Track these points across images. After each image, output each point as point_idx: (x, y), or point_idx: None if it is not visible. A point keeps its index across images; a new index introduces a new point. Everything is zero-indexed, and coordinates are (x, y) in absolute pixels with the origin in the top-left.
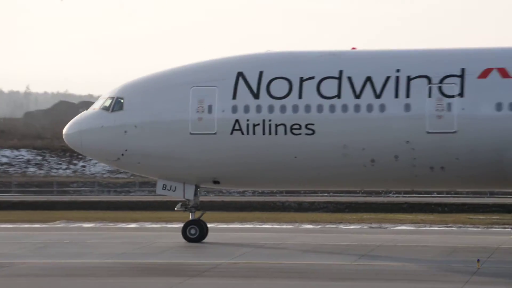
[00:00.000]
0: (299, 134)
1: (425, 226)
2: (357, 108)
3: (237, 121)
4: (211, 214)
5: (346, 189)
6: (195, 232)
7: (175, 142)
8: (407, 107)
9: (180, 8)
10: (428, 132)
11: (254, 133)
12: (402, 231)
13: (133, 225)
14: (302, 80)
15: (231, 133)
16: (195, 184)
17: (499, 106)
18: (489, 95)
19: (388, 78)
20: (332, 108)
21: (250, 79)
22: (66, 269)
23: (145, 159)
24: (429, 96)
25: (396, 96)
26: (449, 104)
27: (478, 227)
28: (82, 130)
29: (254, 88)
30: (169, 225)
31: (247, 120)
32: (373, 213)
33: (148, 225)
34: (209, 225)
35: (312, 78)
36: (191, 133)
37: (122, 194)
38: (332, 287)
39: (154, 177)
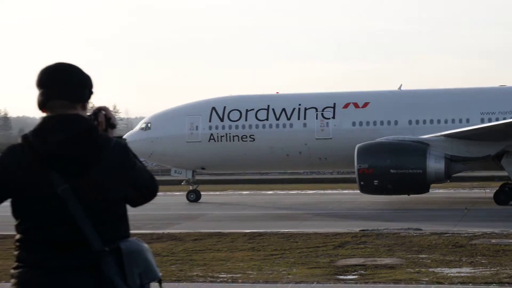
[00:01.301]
0: (246, 141)
1: None
2: (277, 126)
3: (211, 134)
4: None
5: (275, 171)
6: (194, 197)
7: (179, 147)
8: (305, 125)
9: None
10: (317, 139)
11: (221, 141)
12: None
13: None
14: (247, 111)
15: (209, 141)
16: (192, 169)
17: (354, 124)
18: (348, 117)
19: (294, 109)
20: (264, 126)
21: (219, 111)
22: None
23: (163, 156)
24: (316, 118)
25: (299, 118)
26: (327, 123)
27: None
28: (134, 141)
29: (221, 115)
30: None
31: (217, 134)
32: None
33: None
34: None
35: (252, 109)
36: (187, 142)
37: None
38: None
39: (168, 166)
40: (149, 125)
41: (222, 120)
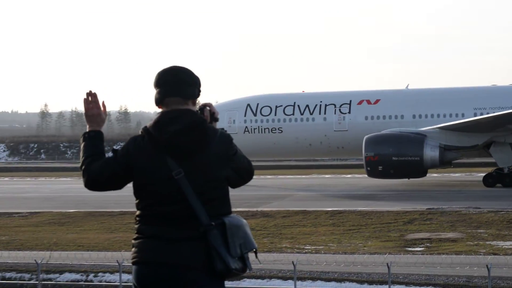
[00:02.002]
0: (275, 132)
1: None
2: (301, 119)
3: (246, 127)
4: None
5: (300, 158)
6: None
7: None
8: (325, 119)
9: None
10: (335, 131)
11: (254, 133)
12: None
13: None
14: (276, 107)
15: (244, 133)
16: None
17: (366, 118)
18: (362, 112)
19: (316, 105)
20: (290, 120)
21: (253, 107)
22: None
23: None
24: (335, 113)
25: (320, 113)
26: (344, 117)
27: None
28: None
29: (254, 111)
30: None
31: (251, 126)
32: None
33: None
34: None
35: (281, 106)
36: None
37: None
38: None
39: None
40: None
41: (255, 115)
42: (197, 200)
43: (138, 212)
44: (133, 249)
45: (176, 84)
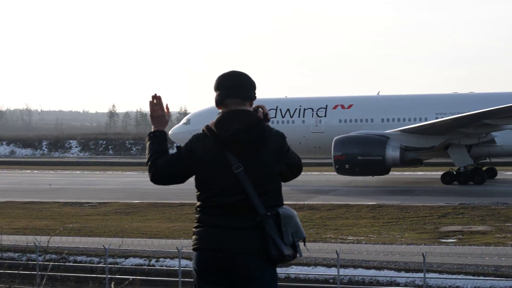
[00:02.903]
0: None
1: None
2: (283, 122)
3: None
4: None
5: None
6: None
7: None
8: (303, 122)
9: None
10: (312, 132)
11: None
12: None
13: None
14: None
15: None
16: None
17: (340, 121)
18: (336, 116)
19: (296, 109)
20: (272, 122)
21: None
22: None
23: None
24: (312, 116)
25: (299, 116)
26: (320, 120)
27: None
28: (177, 133)
29: None
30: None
31: None
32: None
33: None
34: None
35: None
36: None
37: None
38: None
39: None
40: (189, 120)
41: None
42: (254, 192)
43: (198, 203)
44: (193, 236)
45: (236, 86)
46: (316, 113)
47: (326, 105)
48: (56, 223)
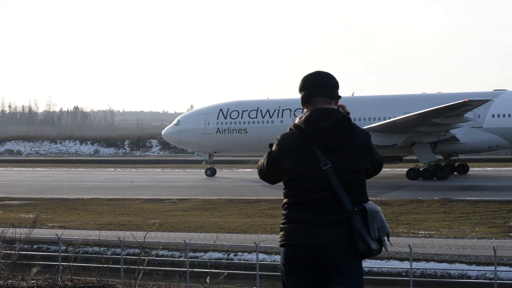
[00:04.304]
0: (241, 133)
1: None
2: (263, 122)
3: (218, 128)
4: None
5: (262, 154)
6: (210, 173)
7: (197, 137)
8: (282, 121)
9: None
10: None
11: (224, 133)
12: None
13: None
14: (243, 111)
15: (216, 133)
16: (208, 153)
17: None
18: None
19: (275, 110)
20: (254, 122)
21: (224, 111)
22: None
23: (188, 144)
24: (290, 116)
25: (278, 117)
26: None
27: None
28: (168, 133)
29: (225, 115)
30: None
31: (222, 128)
32: None
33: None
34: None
35: (246, 110)
36: (202, 133)
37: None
38: None
39: (193, 151)
40: (179, 121)
41: (225, 118)
42: (342, 188)
43: (286, 200)
44: (281, 232)
45: (322, 85)
46: (294, 114)
47: None
48: (138, 219)
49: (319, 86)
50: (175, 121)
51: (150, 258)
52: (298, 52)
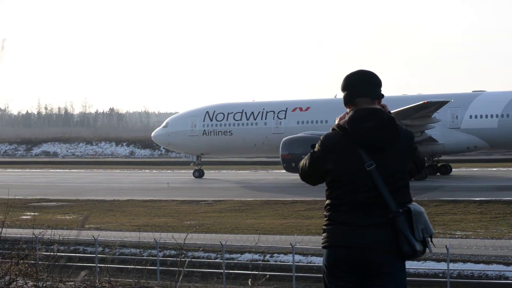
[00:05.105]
0: (227, 135)
1: None
2: (247, 124)
3: (204, 130)
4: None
5: (247, 156)
6: (197, 174)
7: (185, 139)
8: (265, 124)
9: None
10: (273, 133)
11: (210, 135)
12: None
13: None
14: (228, 114)
15: (203, 135)
16: (196, 155)
17: (298, 122)
18: (295, 118)
19: (259, 112)
20: (238, 124)
21: (210, 114)
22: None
23: (176, 146)
24: (273, 119)
25: (261, 119)
26: (280, 122)
27: None
28: (157, 135)
29: (211, 117)
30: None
31: (208, 130)
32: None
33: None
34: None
35: (232, 112)
36: (189, 136)
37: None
38: None
39: (181, 152)
40: (167, 124)
41: (211, 120)
42: (386, 189)
43: (328, 201)
44: (324, 234)
45: (365, 85)
46: (277, 116)
47: (286, 108)
48: (174, 220)
49: (362, 85)
50: (164, 124)
51: (187, 259)
52: (342, 52)
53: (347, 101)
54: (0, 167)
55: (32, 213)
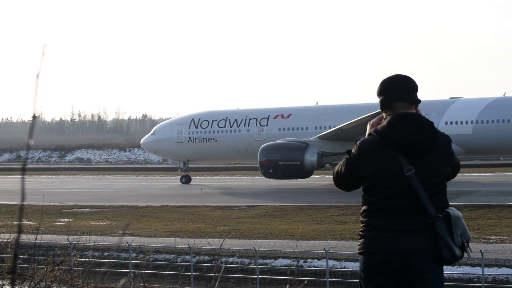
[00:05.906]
0: (211, 142)
1: None
2: (231, 131)
3: (190, 137)
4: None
5: (232, 162)
6: (185, 180)
7: (171, 146)
8: (248, 130)
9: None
10: (256, 140)
11: (195, 142)
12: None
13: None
14: (212, 121)
15: (188, 142)
16: (183, 161)
17: (279, 129)
18: (277, 125)
19: (242, 119)
20: (222, 131)
21: (195, 121)
22: (505, 192)
23: (163, 152)
24: (256, 126)
25: (244, 126)
26: (262, 129)
27: None
28: (145, 142)
29: (196, 125)
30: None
31: (193, 137)
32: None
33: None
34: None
35: (216, 120)
36: (175, 142)
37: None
38: None
39: (168, 158)
40: (155, 131)
41: (196, 127)
42: (426, 194)
43: (365, 207)
44: (360, 240)
45: (403, 90)
46: (259, 123)
47: (269, 115)
48: (207, 226)
49: (399, 91)
50: (152, 131)
51: (222, 265)
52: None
53: (384, 105)
54: (34, 174)
55: (66, 219)
